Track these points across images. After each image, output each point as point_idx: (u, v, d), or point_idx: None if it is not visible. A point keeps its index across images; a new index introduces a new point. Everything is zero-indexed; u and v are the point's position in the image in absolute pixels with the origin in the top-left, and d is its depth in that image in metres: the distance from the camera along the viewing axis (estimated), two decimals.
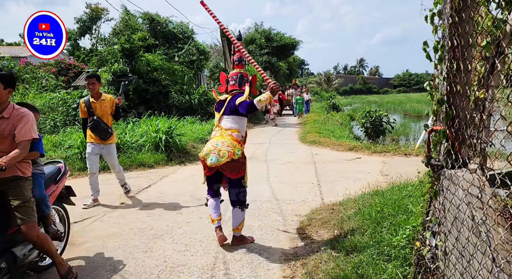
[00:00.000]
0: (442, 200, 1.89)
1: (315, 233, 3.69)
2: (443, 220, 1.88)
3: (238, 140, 3.32)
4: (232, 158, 3.20)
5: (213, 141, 3.32)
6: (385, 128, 10.57)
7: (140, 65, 14.93)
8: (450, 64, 1.74)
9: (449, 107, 1.78)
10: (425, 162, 1.96)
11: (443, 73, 1.81)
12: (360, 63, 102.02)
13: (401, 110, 30.62)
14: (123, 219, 4.28)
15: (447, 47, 1.78)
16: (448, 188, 1.80)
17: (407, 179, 4.92)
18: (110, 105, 4.91)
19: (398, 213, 3.30)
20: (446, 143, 1.81)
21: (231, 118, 3.37)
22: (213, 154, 3.18)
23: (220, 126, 3.38)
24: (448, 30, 1.73)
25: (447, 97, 1.80)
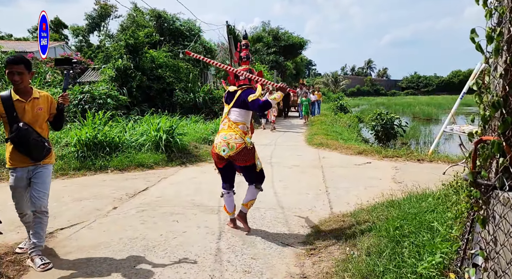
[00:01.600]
0: (492, 229, 1.50)
1: (324, 249, 3.30)
2: (494, 255, 1.48)
3: (244, 131, 3.56)
4: (242, 147, 3.47)
5: (221, 134, 3.56)
6: (397, 132, 10.12)
7: (145, 62, 14.62)
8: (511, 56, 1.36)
9: (508, 112, 1.40)
10: (470, 180, 1.57)
11: (499, 69, 1.42)
12: (368, 64, 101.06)
13: (410, 112, 30.01)
14: (114, 226, 3.92)
15: (506, 35, 1.40)
16: (504, 216, 1.41)
17: (425, 188, 4.51)
18: (47, 106, 3.11)
19: (420, 230, 2.90)
20: (502, 159, 1.42)
21: (239, 111, 3.58)
22: (223, 146, 3.49)
23: (228, 118, 3.60)
24: (510, 12, 1.35)
25: (504, 99, 1.41)
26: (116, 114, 10.88)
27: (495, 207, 1.47)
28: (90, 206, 4.61)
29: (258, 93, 3.52)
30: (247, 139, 3.52)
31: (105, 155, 7.07)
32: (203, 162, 7.83)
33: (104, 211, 4.43)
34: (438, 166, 7.10)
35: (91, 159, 6.85)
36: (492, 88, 1.50)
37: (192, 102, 14.97)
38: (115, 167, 6.83)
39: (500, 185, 1.45)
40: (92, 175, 6.44)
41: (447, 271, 2.01)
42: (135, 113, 12.73)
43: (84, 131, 7.29)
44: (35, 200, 2.94)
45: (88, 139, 7.08)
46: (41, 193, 2.97)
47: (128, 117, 11.54)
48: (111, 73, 13.39)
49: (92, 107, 10.13)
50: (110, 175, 6.47)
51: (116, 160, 6.96)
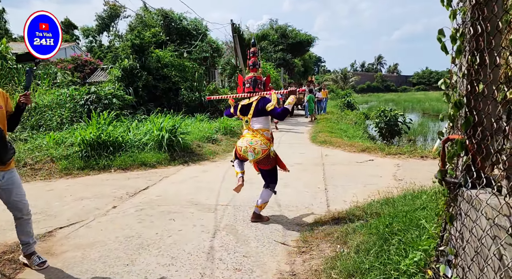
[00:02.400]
0: (459, 226, 1.51)
1: (316, 247, 3.32)
2: (461, 252, 1.50)
3: (268, 138, 3.86)
4: (267, 153, 3.78)
5: (247, 139, 3.82)
6: (401, 129, 10.03)
7: (150, 61, 14.76)
8: (472, 56, 1.36)
9: (470, 111, 1.40)
10: (439, 178, 1.58)
11: (463, 69, 1.43)
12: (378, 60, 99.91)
13: (420, 108, 29.70)
14: (111, 225, 4.01)
15: (468, 36, 1.40)
16: (467, 213, 1.42)
17: (422, 186, 4.50)
18: (4, 104, 2.85)
19: (409, 228, 2.91)
20: (465, 157, 1.43)
21: (258, 119, 3.85)
22: (249, 152, 3.76)
23: (250, 128, 3.86)
24: (470, 13, 1.35)
25: (467, 99, 1.42)
26: (121, 114, 11.04)
27: (461, 205, 1.49)
28: (91, 205, 4.72)
29: (274, 101, 3.79)
30: (272, 148, 3.86)
31: (108, 155, 7.19)
32: (206, 160, 7.90)
33: (104, 210, 4.53)
34: None
35: (95, 159, 6.98)
36: (458, 88, 1.51)
37: (197, 101, 15.06)
38: (118, 166, 6.95)
39: (465, 183, 1.47)
40: (96, 175, 6.56)
41: (426, 268, 2.02)
42: (141, 112, 12.88)
43: (89, 131, 7.42)
44: (20, 205, 2.90)
45: (92, 139, 7.21)
46: (21, 196, 2.92)
47: (134, 116, 11.69)
48: (118, 73, 13.55)
49: (98, 107, 10.29)
50: (113, 175, 6.58)
51: (119, 160, 7.07)
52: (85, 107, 10.40)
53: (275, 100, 3.81)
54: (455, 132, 1.54)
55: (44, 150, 7.18)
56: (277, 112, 3.77)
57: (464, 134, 1.42)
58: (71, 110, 10.20)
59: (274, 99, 3.82)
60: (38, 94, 10.65)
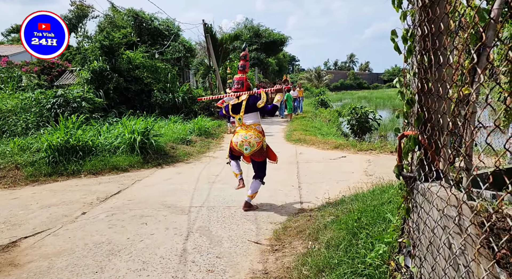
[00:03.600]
0: (416, 218, 1.58)
1: (289, 244, 3.37)
2: (418, 242, 1.56)
3: (260, 131, 4.25)
4: (260, 145, 4.19)
5: (241, 134, 4.20)
6: (371, 125, 10.29)
7: (121, 63, 14.44)
8: (421, 56, 1.42)
9: (421, 108, 1.46)
10: (396, 173, 1.64)
11: (414, 68, 1.49)
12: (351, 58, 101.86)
13: (391, 105, 30.45)
14: (80, 232, 3.91)
15: (417, 36, 1.46)
16: (422, 206, 1.49)
17: (390, 180, 4.63)
18: None
19: (377, 221, 3.00)
20: (419, 152, 1.49)
21: (250, 115, 4.21)
22: (245, 145, 4.15)
23: (244, 124, 4.22)
24: (418, 15, 1.41)
25: (418, 97, 1.48)
26: (92, 117, 10.74)
27: (417, 197, 1.55)
28: (58, 212, 4.57)
29: (264, 99, 4.21)
30: (264, 141, 4.26)
31: (78, 160, 6.99)
32: (180, 162, 7.82)
33: (72, 217, 4.40)
34: None
35: (63, 164, 6.76)
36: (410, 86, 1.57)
37: (171, 102, 14.87)
38: (89, 171, 6.77)
39: (420, 177, 1.53)
40: (64, 181, 6.36)
41: (389, 260, 2.09)
42: (113, 115, 12.57)
43: (56, 135, 7.19)
44: None
45: (60, 144, 6.98)
46: None
47: (105, 119, 11.40)
48: (87, 75, 13.17)
49: (66, 111, 9.96)
50: (83, 180, 6.40)
51: (90, 164, 6.89)
52: (52, 111, 10.04)
53: (265, 98, 4.23)
54: (409, 128, 1.60)
55: (8, 156, 6.90)
56: (267, 109, 4.23)
57: (416, 130, 1.48)
58: (37, 115, 9.82)
59: (263, 97, 4.24)
60: (0, 99, 10.21)
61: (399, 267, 1.87)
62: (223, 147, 9.82)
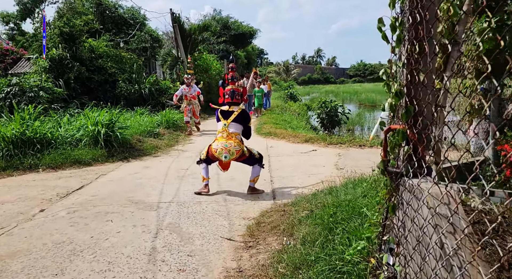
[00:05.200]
0: (401, 216, 1.52)
1: (263, 240, 3.28)
2: (403, 240, 1.51)
3: (239, 141, 4.52)
4: (240, 153, 4.47)
5: (222, 142, 4.45)
6: (341, 119, 10.43)
7: (83, 52, 13.71)
8: (412, 45, 1.35)
9: (410, 101, 1.40)
10: (381, 168, 1.58)
11: (403, 58, 1.42)
12: (318, 53, 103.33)
13: (357, 99, 31.24)
14: (38, 230, 3.61)
15: (407, 24, 1.39)
16: (409, 203, 1.43)
17: (362, 174, 4.66)
18: None
19: (352, 216, 2.97)
20: (407, 147, 1.43)
21: (235, 125, 4.52)
22: (225, 153, 4.39)
23: (227, 130, 4.48)
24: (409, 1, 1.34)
25: (407, 89, 1.42)
26: (51, 108, 10.12)
27: (403, 194, 1.49)
28: (13, 210, 4.22)
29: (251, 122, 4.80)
30: (244, 148, 4.52)
31: (35, 153, 6.53)
32: (147, 156, 7.53)
33: (29, 215, 4.07)
34: (377, 151, 7.41)
35: (19, 158, 6.30)
36: (398, 78, 1.50)
37: (137, 94, 14.33)
38: (48, 165, 6.34)
39: (407, 172, 1.47)
40: (20, 175, 5.92)
41: (369, 257, 2.05)
42: (74, 106, 11.92)
43: (11, 127, 6.68)
44: None
45: (15, 136, 6.50)
46: None
47: (66, 111, 10.78)
48: (45, 63, 12.38)
49: (22, 101, 9.31)
50: (41, 174, 5.99)
51: (49, 158, 6.46)
52: (7, 101, 9.36)
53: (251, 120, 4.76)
54: (395, 122, 1.55)
55: None
56: (247, 132, 4.74)
57: (405, 123, 1.42)
58: None
59: (251, 119, 4.76)
60: None
61: (380, 265, 1.83)
62: (192, 140, 9.58)
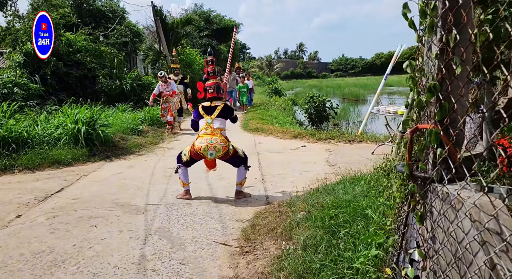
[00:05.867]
0: (430, 226, 1.36)
1: (260, 245, 3.10)
2: (433, 254, 1.35)
3: (225, 136, 4.24)
4: (227, 151, 4.14)
5: (206, 138, 4.11)
6: (329, 114, 10.33)
7: (60, 46, 13.10)
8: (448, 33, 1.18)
9: (445, 97, 1.23)
10: (406, 172, 1.41)
11: (434, 48, 1.25)
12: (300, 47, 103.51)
13: (340, 94, 31.35)
14: (15, 239, 3.32)
15: (441, 10, 1.22)
16: (443, 213, 1.27)
17: (357, 171, 4.53)
18: None
19: (355, 218, 2.82)
20: (440, 149, 1.27)
21: (220, 120, 4.27)
22: (210, 150, 4.06)
23: (211, 126, 4.18)
24: None
25: (441, 83, 1.25)
26: (26, 105, 9.62)
27: (433, 203, 1.33)
28: None
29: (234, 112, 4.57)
30: (230, 146, 4.20)
31: (10, 153, 6.14)
32: (131, 154, 7.23)
33: (4, 221, 3.76)
34: (367, 146, 7.33)
35: None
36: (426, 70, 1.33)
37: (118, 90, 13.86)
38: (24, 166, 5.97)
39: (438, 178, 1.31)
40: None
41: (383, 266, 1.90)
42: (52, 103, 11.38)
43: None
44: None
45: None
46: None
47: (42, 108, 10.28)
48: (19, 58, 11.78)
49: None
50: (17, 176, 5.62)
51: (25, 158, 6.08)
52: None
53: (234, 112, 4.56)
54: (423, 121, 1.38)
55: None
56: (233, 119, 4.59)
57: (437, 123, 1.26)
58: None
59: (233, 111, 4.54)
60: None
61: (397, 277, 1.67)
62: (177, 137, 9.29)
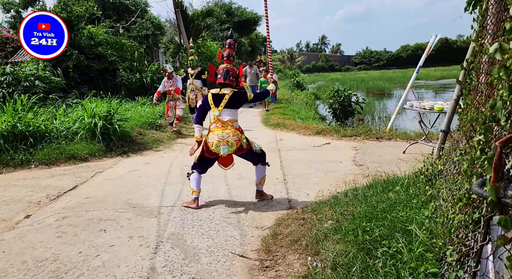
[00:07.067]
0: None
1: (282, 259, 2.75)
2: None
3: (238, 128, 3.84)
4: (241, 144, 3.77)
5: (217, 133, 3.75)
6: (354, 109, 9.82)
7: (82, 39, 13.08)
8: None
9: None
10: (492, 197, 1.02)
11: None
12: (322, 40, 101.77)
13: (364, 87, 30.42)
14: (20, 243, 3.11)
15: None
16: None
17: (389, 173, 4.11)
18: None
19: (394, 234, 2.43)
20: None
21: (229, 111, 3.82)
22: (222, 145, 3.70)
23: (220, 120, 3.79)
24: None
25: None
26: (48, 98, 9.60)
27: None
28: None
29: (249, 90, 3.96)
30: (243, 138, 3.82)
31: (28, 148, 6.03)
32: (148, 150, 7.01)
33: (12, 222, 3.57)
34: (397, 144, 6.85)
35: (10, 153, 5.80)
36: None
37: (138, 83, 13.77)
38: (41, 161, 5.84)
39: None
40: (10, 173, 5.43)
41: None
42: (73, 96, 11.37)
43: (1, 119, 6.16)
44: None
45: (6, 130, 5.98)
46: None
47: (64, 101, 10.25)
48: None
49: (16, 91, 8.76)
50: (32, 172, 5.49)
51: (42, 153, 5.95)
52: (0, 92, 8.82)
53: (248, 89, 4.01)
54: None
55: None
56: (257, 96, 4.08)
57: None
58: None
59: (247, 88, 4.02)
60: None
61: None
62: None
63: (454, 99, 3.39)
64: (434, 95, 23.07)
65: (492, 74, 1.05)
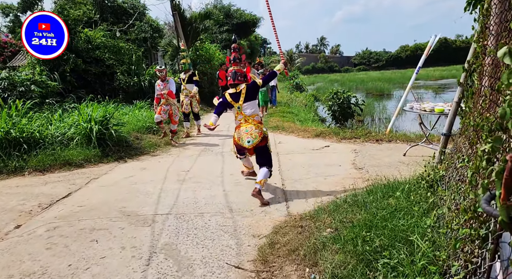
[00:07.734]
0: None
1: (279, 270, 2.64)
2: None
3: (259, 121, 4.29)
4: (262, 136, 4.21)
5: (242, 129, 4.25)
6: (354, 111, 9.72)
7: (79, 43, 13.00)
8: None
9: None
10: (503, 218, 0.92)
11: None
12: (321, 41, 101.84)
13: (364, 88, 30.32)
14: (7, 256, 3.01)
15: None
16: None
17: (389, 177, 4.00)
18: None
19: (395, 244, 2.32)
20: None
21: (249, 105, 4.26)
22: (247, 138, 4.17)
23: (243, 114, 4.28)
24: None
25: None
26: (44, 103, 9.51)
27: None
28: None
29: (257, 78, 4.42)
30: (264, 129, 4.28)
31: (21, 154, 5.92)
32: (145, 154, 6.91)
33: (1, 233, 3.47)
34: (397, 146, 6.74)
35: (3, 160, 5.70)
36: None
37: (137, 86, 13.67)
38: (35, 168, 5.73)
39: None
40: (3, 180, 5.32)
41: None
42: (71, 100, 11.28)
43: None
44: None
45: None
46: None
47: (61, 105, 10.16)
48: None
49: (12, 96, 8.67)
50: (26, 179, 5.38)
51: (36, 159, 5.85)
52: None
53: (256, 78, 4.46)
54: None
55: None
56: (265, 80, 4.34)
57: None
58: None
59: (255, 78, 4.45)
60: None
61: None
62: (195, 137, 8.93)
63: (456, 102, 3.29)
64: (434, 95, 22.96)
65: (501, 80, 0.95)
